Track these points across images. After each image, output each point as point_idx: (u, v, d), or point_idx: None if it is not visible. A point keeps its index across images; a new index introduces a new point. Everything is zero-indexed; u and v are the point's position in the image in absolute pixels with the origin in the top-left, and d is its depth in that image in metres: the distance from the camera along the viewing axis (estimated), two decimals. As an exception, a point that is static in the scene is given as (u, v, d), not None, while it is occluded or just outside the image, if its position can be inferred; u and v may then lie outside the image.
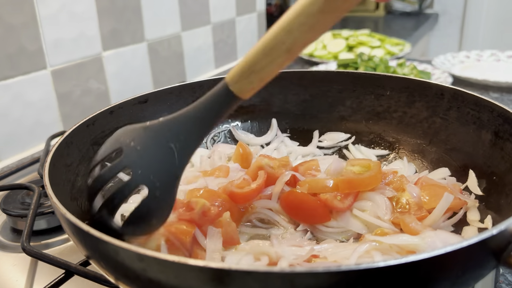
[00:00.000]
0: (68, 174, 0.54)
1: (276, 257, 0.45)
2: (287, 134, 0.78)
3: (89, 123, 0.61)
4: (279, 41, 0.38)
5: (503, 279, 0.55)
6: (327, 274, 0.30)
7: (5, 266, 0.60)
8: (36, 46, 0.94)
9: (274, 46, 0.39)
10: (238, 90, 0.41)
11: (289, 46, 0.39)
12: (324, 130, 0.77)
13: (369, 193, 0.56)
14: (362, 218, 0.54)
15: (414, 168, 0.68)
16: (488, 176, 0.56)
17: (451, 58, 1.47)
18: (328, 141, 0.76)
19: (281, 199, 0.57)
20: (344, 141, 0.76)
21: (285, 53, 0.39)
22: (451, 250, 0.31)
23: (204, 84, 0.76)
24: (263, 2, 1.79)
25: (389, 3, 2.80)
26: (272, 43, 0.39)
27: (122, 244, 0.34)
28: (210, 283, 0.31)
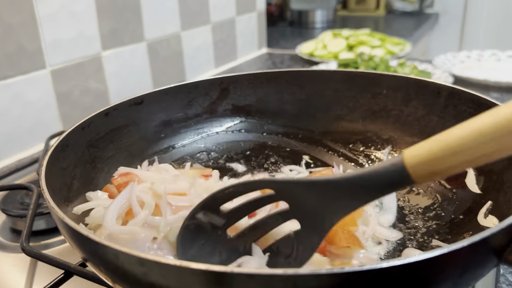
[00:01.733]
0: (64, 177, 0.54)
1: None
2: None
3: (85, 125, 0.61)
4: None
5: (504, 279, 0.55)
6: (330, 276, 0.29)
7: (5, 266, 0.60)
8: (35, 45, 0.94)
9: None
10: (416, 177, 0.35)
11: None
12: (320, 129, 0.77)
13: None
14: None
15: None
16: (486, 174, 0.56)
17: (451, 58, 1.46)
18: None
19: None
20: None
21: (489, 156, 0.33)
22: (453, 250, 0.31)
23: (199, 85, 0.76)
24: (263, 1, 1.79)
25: (389, 2, 2.80)
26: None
27: (122, 248, 0.33)
28: (212, 287, 0.31)
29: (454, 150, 0.33)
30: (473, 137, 0.33)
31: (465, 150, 0.33)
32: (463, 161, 0.33)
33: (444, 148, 0.34)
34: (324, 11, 2.43)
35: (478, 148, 0.33)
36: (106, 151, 0.65)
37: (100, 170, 0.63)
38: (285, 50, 1.86)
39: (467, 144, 0.33)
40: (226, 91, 0.78)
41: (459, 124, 0.34)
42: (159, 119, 0.73)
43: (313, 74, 0.77)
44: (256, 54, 1.80)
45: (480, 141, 0.32)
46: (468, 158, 0.33)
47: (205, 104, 0.77)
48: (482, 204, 0.53)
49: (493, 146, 0.32)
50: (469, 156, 0.33)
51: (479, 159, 0.33)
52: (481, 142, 0.32)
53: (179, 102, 0.75)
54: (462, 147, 0.33)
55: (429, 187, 0.64)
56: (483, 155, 0.33)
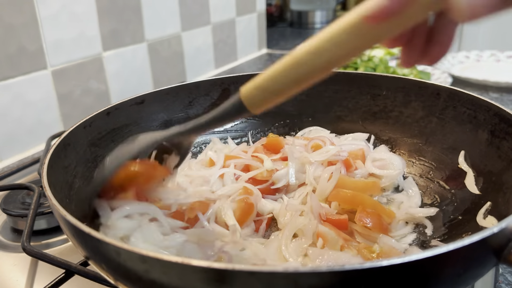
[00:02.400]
0: (66, 175, 0.54)
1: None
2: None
3: (86, 124, 0.61)
4: (303, 63, 0.37)
5: (503, 279, 0.55)
6: (331, 274, 0.30)
7: (6, 266, 0.60)
8: (37, 46, 0.94)
9: (297, 68, 0.38)
10: (250, 105, 0.42)
11: (311, 68, 0.38)
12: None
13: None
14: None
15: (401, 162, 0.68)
16: (485, 175, 0.56)
17: (450, 59, 1.47)
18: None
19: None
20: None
21: (305, 76, 0.38)
22: (453, 249, 0.31)
23: (200, 85, 0.76)
24: (263, 2, 1.79)
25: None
26: (295, 65, 0.38)
27: (124, 246, 0.34)
28: (213, 284, 0.31)
29: (282, 72, 0.38)
30: (299, 57, 0.37)
31: (294, 69, 0.38)
32: (292, 78, 0.38)
33: (271, 73, 0.39)
34: (324, 11, 2.43)
35: (304, 66, 0.37)
36: (107, 150, 0.65)
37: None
38: (285, 51, 1.87)
39: (295, 64, 0.37)
40: (226, 92, 0.78)
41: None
42: (160, 119, 0.73)
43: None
44: (256, 54, 1.80)
45: (308, 59, 0.37)
46: (296, 75, 0.38)
47: (206, 104, 0.77)
48: (481, 205, 0.54)
49: (318, 60, 0.37)
50: (297, 73, 0.38)
51: (305, 78, 0.38)
52: (308, 59, 0.37)
53: (180, 102, 0.75)
54: (291, 66, 0.38)
55: (428, 187, 0.64)
56: (308, 71, 0.37)
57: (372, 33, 0.34)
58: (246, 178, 0.61)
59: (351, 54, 0.36)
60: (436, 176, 0.64)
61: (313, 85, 0.79)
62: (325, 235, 0.49)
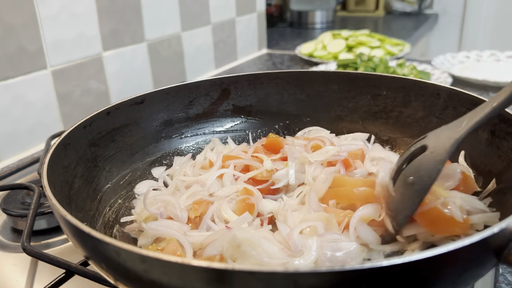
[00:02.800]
0: (66, 175, 0.54)
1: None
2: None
3: (86, 124, 0.61)
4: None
5: (503, 279, 0.55)
6: (331, 274, 0.30)
7: (5, 266, 0.60)
8: (36, 46, 0.94)
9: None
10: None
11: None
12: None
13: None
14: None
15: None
16: (485, 175, 0.56)
17: (450, 59, 1.47)
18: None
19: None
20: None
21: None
22: (453, 249, 0.31)
23: (200, 85, 0.76)
24: (263, 2, 1.79)
25: (388, 3, 2.81)
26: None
27: (124, 245, 0.34)
28: (213, 284, 0.31)
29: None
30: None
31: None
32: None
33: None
34: (324, 12, 2.43)
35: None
36: (107, 150, 0.65)
37: (101, 168, 0.63)
38: (285, 51, 1.87)
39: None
40: (227, 92, 0.78)
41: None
42: (160, 119, 0.73)
43: (314, 75, 0.77)
44: (256, 54, 1.80)
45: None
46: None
47: (206, 104, 0.77)
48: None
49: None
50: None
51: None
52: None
53: (180, 102, 0.75)
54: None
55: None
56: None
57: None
58: (245, 179, 0.61)
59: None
60: (436, 176, 0.64)
61: (313, 85, 0.79)
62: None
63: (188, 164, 0.70)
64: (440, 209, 0.45)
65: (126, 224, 0.58)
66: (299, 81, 0.78)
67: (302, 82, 0.78)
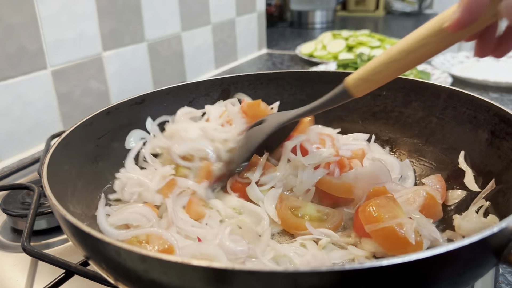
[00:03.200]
0: (66, 175, 0.54)
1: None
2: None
3: (86, 124, 0.61)
4: (409, 51, 0.46)
5: (503, 279, 0.55)
6: (331, 274, 0.30)
7: (5, 266, 0.60)
8: (37, 46, 0.94)
9: (391, 63, 0.47)
10: (354, 91, 0.52)
11: (402, 64, 0.47)
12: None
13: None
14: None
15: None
16: (485, 175, 0.56)
17: (450, 58, 1.47)
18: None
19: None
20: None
21: (397, 70, 0.48)
22: (453, 249, 0.31)
23: (200, 85, 0.76)
24: (263, 2, 1.79)
25: (388, 3, 2.81)
26: (389, 61, 0.47)
27: (124, 245, 0.34)
28: (213, 284, 0.31)
29: (388, 60, 0.48)
30: (404, 46, 0.46)
31: (397, 58, 0.47)
32: (397, 66, 0.47)
33: (370, 66, 0.49)
34: (324, 11, 2.43)
35: (408, 54, 0.46)
36: (107, 149, 0.65)
37: (101, 168, 0.63)
38: (285, 51, 1.87)
39: (399, 53, 0.46)
40: (226, 92, 0.78)
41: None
42: (160, 119, 0.73)
43: (314, 75, 0.77)
44: (256, 54, 1.80)
45: (412, 48, 0.45)
46: (400, 63, 0.47)
47: (206, 104, 0.77)
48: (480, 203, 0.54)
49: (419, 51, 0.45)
50: (401, 61, 0.47)
51: (407, 64, 0.47)
52: (413, 48, 0.45)
53: (180, 102, 0.75)
54: (396, 55, 0.47)
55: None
56: (412, 59, 0.46)
57: (452, 36, 0.43)
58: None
59: (434, 53, 0.45)
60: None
61: (313, 85, 0.79)
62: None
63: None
64: (394, 228, 0.47)
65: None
66: (299, 81, 0.78)
67: (302, 82, 0.78)
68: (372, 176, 0.59)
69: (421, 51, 0.45)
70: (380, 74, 0.49)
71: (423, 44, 0.45)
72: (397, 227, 0.47)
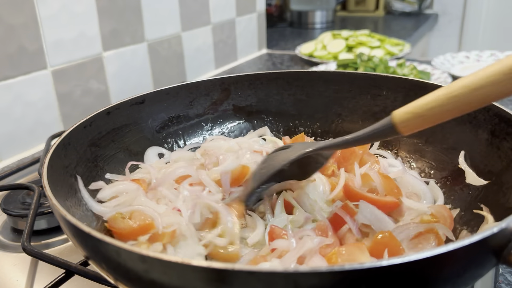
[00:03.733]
0: (66, 175, 0.54)
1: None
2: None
3: (86, 124, 0.61)
4: (474, 88, 0.40)
5: (503, 279, 0.55)
6: (331, 274, 0.30)
7: (6, 266, 0.61)
8: (37, 46, 0.94)
9: (451, 100, 0.41)
10: (401, 127, 0.46)
11: (465, 102, 0.40)
12: (320, 130, 0.78)
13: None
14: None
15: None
16: (485, 175, 0.56)
17: (450, 59, 1.47)
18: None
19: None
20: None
21: (458, 109, 0.41)
22: (453, 249, 0.31)
23: (200, 85, 0.76)
24: (263, 2, 1.79)
25: (388, 3, 2.81)
26: (450, 98, 0.41)
27: (124, 245, 0.34)
28: (213, 284, 0.31)
29: (432, 101, 0.42)
30: (460, 91, 0.40)
31: (454, 101, 0.41)
32: (445, 110, 0.42)
33: (426, 101, 0.43)
34: (324, 12, 2.43)
35: (464, 98, 0.40)
36: (107, 150, 0.65)
37: (101, 168, 0.63)
38: (285, 51, 1.87)
39: (455, 97, 0.40)
40: (227, 92, 0.78)
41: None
42: (160, 119, 0.73)
43: (314, 75, 0.77)
44: (256, 54, 1.80)
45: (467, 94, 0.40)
46: (454, 106, 0.41)
47: (206, 104, 0.77)
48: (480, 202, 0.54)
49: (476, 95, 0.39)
50: (455, 104, 0.41)
51: (462, 108, 0.41)
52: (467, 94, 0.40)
53: (180, 102, 0.75)
54: (452, 98, 0.41)
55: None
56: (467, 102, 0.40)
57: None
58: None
59: (506, 94, 0.39)
60: (436, 176, 0.64)
61: (313, 85, 0.79)
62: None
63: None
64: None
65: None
66: (299, 81, 0.78)
67: (302, 82, 0.78)
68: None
69: (489, 89, 0.39)
70: (435, 109, 0.42)
71: (493, 81, 0.39)
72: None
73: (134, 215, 0.52)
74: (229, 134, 0.79)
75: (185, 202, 0.55)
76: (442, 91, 0.42)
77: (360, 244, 0.46)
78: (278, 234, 0.50)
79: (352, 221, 0.51)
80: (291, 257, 0.44)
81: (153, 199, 0.58)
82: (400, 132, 0.46)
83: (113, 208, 0.55)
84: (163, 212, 0.53)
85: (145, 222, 0.50)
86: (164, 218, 0.51)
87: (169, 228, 0.50)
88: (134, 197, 0.57)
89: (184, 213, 0.53)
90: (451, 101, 0.41)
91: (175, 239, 0.51)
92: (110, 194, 0.58)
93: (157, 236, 0.50)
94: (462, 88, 0.40)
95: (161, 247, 0.49)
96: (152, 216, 0.51)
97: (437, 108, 0.42)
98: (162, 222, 0.51)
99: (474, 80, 0.40)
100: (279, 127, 0.79)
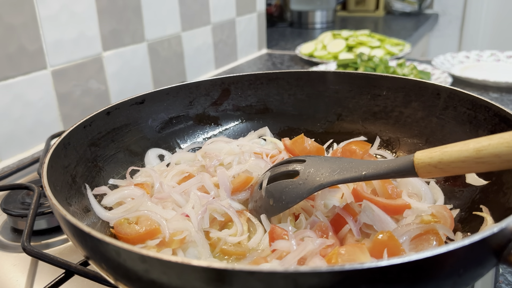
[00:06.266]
0: (66, 175, 0.54)
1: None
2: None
3: (86, 124, 0.61)
4: (485, 160, 0.40)
5: (503, 279, 0.55)
6: (331, 274, 0.30)
7: (6, 266, 0.61)
8: (36, 46, 0.94)
9: (477, 160, 0.40)
10: (420, 171, 0.45)
11: (505, 163, 0.39)
12: (320, 130, 0.78)
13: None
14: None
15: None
16: (485, 175, 0.56)
17: (450, 58, 1.47)
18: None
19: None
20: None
21: (481, 167, 0.41)
22: (453, 249, 0.31)
23: (200, 85, 0.76)
24: (263, 2, 1.79)
25: (388, 3, 2.81)
26: (476, 158, 0.40)
27: (124, 245, 0.34)
28: (213, 284, 0.31)
29: (457, 155, 0.41)
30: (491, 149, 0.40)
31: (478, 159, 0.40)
32: (467, 169, 0.41)
33: (451, 153, 0.42)
34: (324, 12, 2.43)
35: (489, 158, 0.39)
36: (107, 149, 0.65)
37: (101, 168, 0.63)
38: (285, 51, 1.87)
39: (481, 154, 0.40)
40: (227, 92, 0.78)
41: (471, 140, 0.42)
42: (160, 119, 0.73)
43: (314, 75, 0.77)
44: (256, 54, 1.80)
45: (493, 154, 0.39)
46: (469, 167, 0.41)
47: (206, 104, 0.77)
48: (480, 202, 0.54)
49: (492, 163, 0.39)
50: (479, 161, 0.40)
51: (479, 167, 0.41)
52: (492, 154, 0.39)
53: (180, 102, 0.75)
54: (463, 162, 0.41)
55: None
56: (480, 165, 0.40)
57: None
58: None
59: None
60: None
61: (313, 85, 0.79)
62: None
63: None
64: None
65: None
66: (299, 81, 0.78)
67: (302, 82, 0.78)
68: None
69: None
70: (458, 168, 0.42)
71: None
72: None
73: (140, 220, 0.52)
74: (229, 134, 0.79)
75: (195, 207, 0.55)
76: (472, 153, 0.40)
77: (360, 244, 0.46)
78: (279, 235, 0.50)
79: (354, 222, 0.51)
80: (292, 259, 0.44)
81: (158, 203, 0.58)
82: (419, 175, 0.45)
83: (120, 214, 0.55)
84: (172, 218, 0.53)
85: (152, 227, 0.51)
86: (173, 224, 0.51)
87: (178, 236, 0.50)
88: (140, 203, 0.57)
89: (193, 218, 0.53)
90: (478, 166, 0.41)
91: (185, 245, 0.51)
92: (115, 200, 0.59)
93: (165, 242, 0.50)
94: (494, 156, 0.39)
95: (171, 252, 0.50)
96: (158, 222, 0.51)
97: (461, 168, 0.42)
98: (170, 228, 0.51)
99: (508, 151, 0.38)
100: (279, 127, 0.79)
